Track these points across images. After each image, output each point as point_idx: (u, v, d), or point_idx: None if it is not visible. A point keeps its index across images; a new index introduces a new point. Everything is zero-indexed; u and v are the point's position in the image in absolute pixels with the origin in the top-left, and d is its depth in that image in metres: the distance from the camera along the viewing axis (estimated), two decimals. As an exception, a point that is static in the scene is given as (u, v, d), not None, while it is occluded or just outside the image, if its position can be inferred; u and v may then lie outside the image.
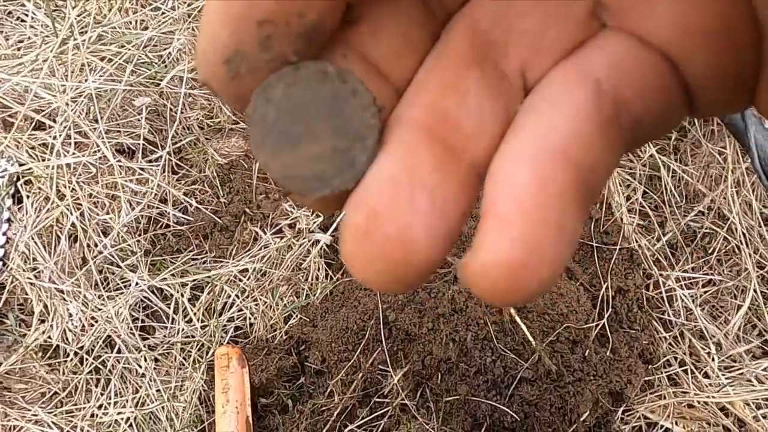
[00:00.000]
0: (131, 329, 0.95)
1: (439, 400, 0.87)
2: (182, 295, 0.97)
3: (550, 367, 0.82)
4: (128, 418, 0.94)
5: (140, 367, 0.95)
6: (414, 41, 0.17)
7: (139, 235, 0.99)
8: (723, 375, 0.97)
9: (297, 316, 1.00)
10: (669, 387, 0.95)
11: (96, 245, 0.96)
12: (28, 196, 0.98)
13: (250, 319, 0.99)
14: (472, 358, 0.83)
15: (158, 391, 0.94)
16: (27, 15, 1.09)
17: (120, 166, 1.00)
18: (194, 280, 0.98)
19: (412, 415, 0.87)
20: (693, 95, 0.16)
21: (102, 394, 0.95)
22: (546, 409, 0.82)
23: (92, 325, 0.94)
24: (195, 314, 0.97)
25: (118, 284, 0.97)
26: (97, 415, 0.94)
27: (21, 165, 0.98)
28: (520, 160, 0.14)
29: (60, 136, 0.98)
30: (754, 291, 1.01)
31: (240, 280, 1.00)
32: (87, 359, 0.94)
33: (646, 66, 0.15)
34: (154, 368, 0.95)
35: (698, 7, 0.15)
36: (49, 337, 0.94)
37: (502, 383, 0.83)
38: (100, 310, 0.94)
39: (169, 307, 0.97)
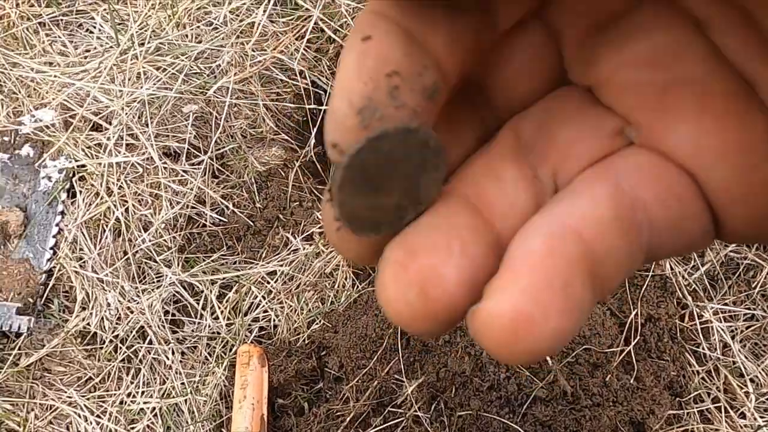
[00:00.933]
0: (162, 322, 0.99)
1: (452, 414, 0.86)
2: (211, 292, 1.00)
3: (565, 388, 0.79)
4: (153, 408, 0.98)
5: (168, 359, 0.99)
6: (465, 143, 0.20)
7: (176, 233, 1.04)
8: (761, 417, 0.91)
9: (320, 321, 1.01)
10: (699, 423, 0.90)
11: (136, 239, 1.02)
12: (80, 191, 1.05)
13: (274, 320, 1.02)
14: (486, 372, 0.82)
15: (183, 384, 0.98)
16: (95, 27, 1.19)
17: (164, 167, 1.06)
18: (224, 279, 1.02)
19: (424, 427, 0.87)
20: (718, 215, 0.17)
21: (132, 383, 1.00)
22: (560, 431, 0.79)
23: (127, 316, 1.00)
24: (222, 312, 1.00)
25: (153, 278, 1.02)
26: (125, 402, 0.99)
27: (77, 162, 1.05)
28: (536, 232, 0.16)
29: (113, 137, 1.05)
30: (799, 329, 0.95)
31: (267, 282, 1.03)
32: (120, 348, 0.99)
33: (666, 175, 0.17)
34: (181, 361, 0.99)
35: (718, 127, 0.16)
36: (88, 324, 1.00)
37: (515, 401, 0.81)
38: (135, 301, 0.99)
39: (198, 303, 1.01)
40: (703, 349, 0.96)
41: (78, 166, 1.06)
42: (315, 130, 1.18)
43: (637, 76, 0.17)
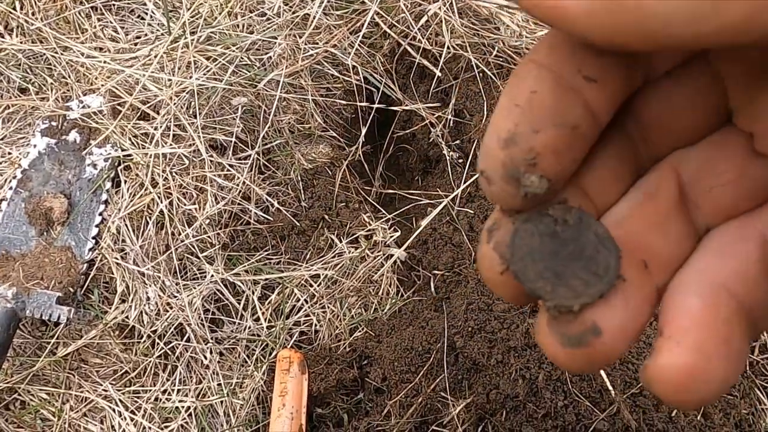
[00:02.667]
0: (202, 320, 0.97)
1: (501, 439, 0.81)
2: (253, 293, 0.97)
3: (629, 422, 0.74)
4: (188, 408, 0.95)
5: (205, 358, 0.96)
6: (620, 175, 0.21)
7: (220, 229, 1.01)
8: (837, 463, 0.84)
9: (363, 329, 0.97)
10: (769, 467, 0.84)
11: (179, 234, 0.99)
12: (125, 181, 1.03)
13: (316, 325, 0.98)
14: (542, 399, 0.77)
15: (219, 385, 0.95)
16: (147, 14, 1.17)
17: (211, 160, 1.03)
18: (266, 280, 0.99)
19: (470, 450, 0.82)
20: None
21: (168, 380, 0.97)
22: (620, 469, 0.74)
23: (167, 311, 0.97)
24: (263, 313, 0.97)
25: (195, 274, 0.99)
26: (160, 400, 0.96)
27: (123, 151, 1.03)
28: (692, 290, 0.18)
29: (161, 127, 1.03)
30: None
31: (310, 285, 0.99)
32: (158, 343, 0.97)
33: None
34: (218, 362, 0.96)
35: None
36: (127, 317, 0.98)
37: (573, 431, 0.76)
38: (175, 297, 0.97)
39: (239, 303, 0.98)
40: (775, 385, 0.89)
41: (124, 155, 1.04)
42: (365, 128, 1.14)
43: None
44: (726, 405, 0.83)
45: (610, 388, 0.76)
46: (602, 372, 0.77)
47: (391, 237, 1.03)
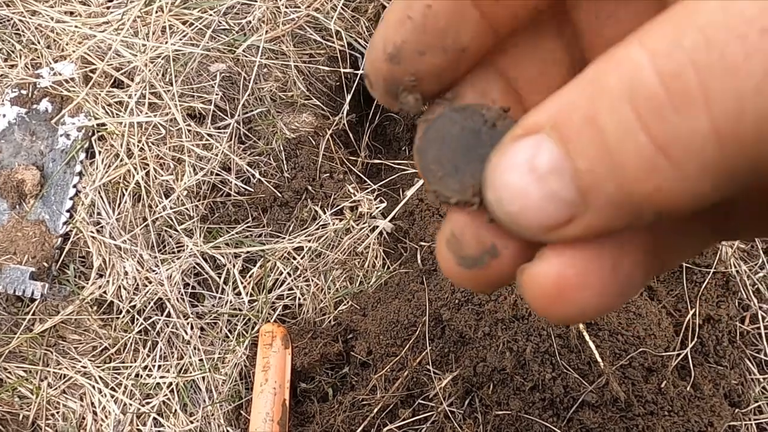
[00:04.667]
0: (181, 294, 0.94)
1: (488, 411, 0.79)
2: (234, 266, 0.94)
3: (618, 394, 0.72)
4: (170, 383, 0.93)
5: (186, 333, 0.94)
6: (550, 75, 0.20)
7: (199, 201, 0.97)
8: (826, 432, 0.83)
9: (348, 302, 0.95)
10: (757, 437, 0.83)
11: (156, 206, 0.95)
12: (99, 152, 0.99)
13: (299, 299, 0.96)
14: (530, 371, 0.75)
15: (201, 360, 0.93)
16: (119, -25, 1.11)
17: (189, 130, 0.99)
18: (248, 253, 0.96)
19: (457, 423, 0.80)
20: None
21: (148, 356, 0.95)
22: (608, 441, 0.72)
23: (145, 286, 0.94)
24: (245, 287, 0.94)
25: (173, 247, 0.96)
26: (141, 376, 0.94)
27: (97, 120, 0.99)
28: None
29: (135, 95, 0.98)
30: None
31: (294, 258, 0.96)
32: (138, 319, 0.94)
33: None
34: (200, 337, 0.94)
35: None
36: (105, 293, 0.95)
37: (560, 404, 0.74)
38: (153, 271, 0.94)
39: (220, 277, 0.95)
40: (766, 355, 0.88)
41: (98, 125, 0.99)
42: (349, 96, 1.10)
43: None
44: (716, 375, 0.82)
45: (599, 359, 0.74)
46: (591, 344, 0.75)
47: (377, 208, 1.00)
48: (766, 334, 0.89)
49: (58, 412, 0.93)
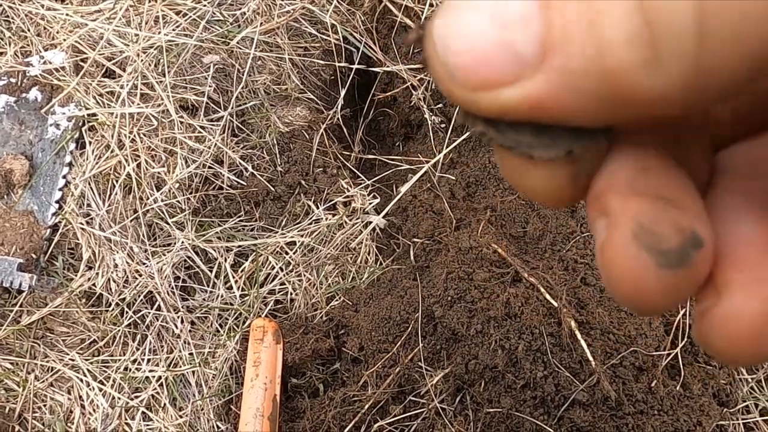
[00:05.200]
0: (172, 288, 0.93)
1: (479, 409, 0.79)
2: (225, 260, 0.94)
3: (609, 393, 0.72)
4: (159, 377, 0.92)
5: (176, 327, 0.93)
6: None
7: (191, 194, 0.96)
8: (812, 432, 0.84)
9: (340, 298, 0.95)
10: (745, 436, 0.84)
11: (147, 198, 0.94)
12: (90, 142, 0.98)
13: (291, 294, 0.95)
14: (522, 369, 0.75)
15: (191, 354, 0.92)
16: (112, -37, 1.09)
17: (181, 121, 0.98)
18: (240, 247, 0.95)
19: (448, 420, 0.80)
20: None
21: (137, 349, 0.94)
22: (598, 439, 0.73)
23: (135, 279, 0.93)
24: (236, 281, 0.94)
25: (164, 240, 0.95)
26: (130, 369, 0.93)
27: (87, 110, 0.97)
28: (739, 214, 0.16)
29: (127, 85, 0.97)
30: None
31: (286, 253, 0.96)
32: (127, 312, 0.93)
33: None
34: (190, 331, 0.93)
35: None
36: (94, 285, 0.94)
37: (551, 402, 0.74)
38: (144, 264, 0.93)
39: (211, 271, 0.94)
40: (754, 356, 0.88)
41: (88, 115, 0.98)
42: (344, 91, 1.09)
43: None
44: (705, 375, 0.83)
45: (591, 358, 0.74)
46: (583, 343, 0.76)
47: (370, 204, 1.00)
48: (754, 335, 0.89)
49: (45, 405, 0.92)
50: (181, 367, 0.92)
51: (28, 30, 1.03)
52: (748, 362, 0.15)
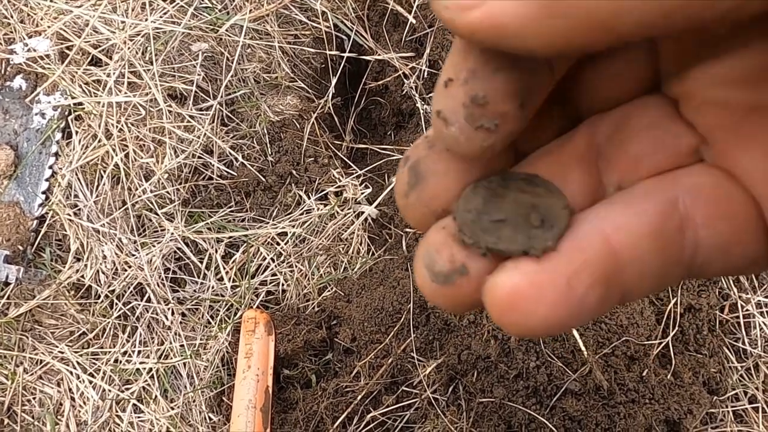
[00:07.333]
0: (162, 279, 0.92)
1: (471, 399, 0.80)
2: (216, 251, 0.93)
3: (601, 383, 0.73)
4: (150, 369, 0.91)
5: (167, 319, 0.92)
6: (546, 128, 0.20)
7: (180, 184, 0.95)
8: (800, 419, 0.85)
9: (332, 288, 0.94)
10: (733, 423, 0.84)
11: (136, 189, 0.93)
12: (76, 132, 0.96)
13: (283, 285, 0.95)
14: (514, 359, 0.76)
15: (182, 346, 0.92)
16: (97, -52, 1.07)
17: (170, 111, 0.96)
18: (230, 238, 0.94)
19: (440, 410, 0.81)
20: None
21: (127, 341, 0.93)
22: (590, 428, 0.73)
23: (125, 270, 0.92)
24: (227, 273, 0.93)
25: (153, 231, 0.94)
26: (120, 361, 0.93)
27: (73, 99, 0.96)
28: (573, 231, 0.17)
29: (114, 73, 0.95)
30: None
31: (277, 244, 0.95)
32: (117, 304, 0.92)
33: (726, 200, 0.17)
34: (181, 323, 0.92)
35: None
36: (83, 277, 0.93)
37: (544, 392, 0.75)
38: (133, 255, 0.92)
39: (201, 262, 0.93)
40: (744, 344, 0.89)
41: (75, 104, 0.96)
42: (335, 79, 1.08)
43: (724, 94, 0.17)
44: (696, 363, 0.83)
45: (583, 348, 0.74)
46: (575, 332, 0.76)
47: (362, 194, 0.99)
48: (744, 323, 0.90)
49: (34, 398, 0.92)
50: (172, 358, 0.92)
51: (11, 16, 1.01)
52: (514, 332, 0.17)
